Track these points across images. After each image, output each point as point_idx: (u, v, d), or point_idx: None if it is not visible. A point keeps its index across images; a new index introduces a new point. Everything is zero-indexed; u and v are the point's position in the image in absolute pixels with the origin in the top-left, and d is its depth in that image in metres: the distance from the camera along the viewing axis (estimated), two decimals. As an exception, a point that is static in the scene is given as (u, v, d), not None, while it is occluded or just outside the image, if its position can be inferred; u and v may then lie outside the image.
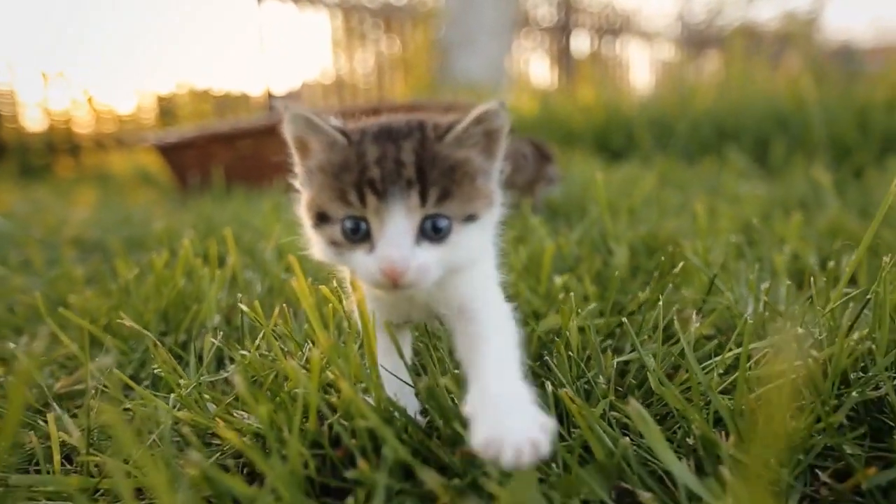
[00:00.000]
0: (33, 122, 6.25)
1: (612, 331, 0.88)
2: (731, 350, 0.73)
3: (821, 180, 1.56)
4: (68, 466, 0.68)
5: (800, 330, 0.72)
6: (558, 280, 0.98)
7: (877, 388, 0.66)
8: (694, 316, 0.79)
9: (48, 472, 0.63)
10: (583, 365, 0.75)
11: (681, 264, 0.88)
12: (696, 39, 9.31)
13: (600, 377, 0.73)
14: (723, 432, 0.63)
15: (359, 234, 0.59)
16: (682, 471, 0.54)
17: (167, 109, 6.80)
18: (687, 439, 0.62)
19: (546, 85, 7.43)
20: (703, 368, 0.72)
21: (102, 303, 1.05)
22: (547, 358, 0.77)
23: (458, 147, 0.61)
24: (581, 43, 8.27)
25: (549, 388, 0.68)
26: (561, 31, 8.01)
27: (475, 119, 0.60)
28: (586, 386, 0.73)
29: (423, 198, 0.58)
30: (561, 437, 0.64)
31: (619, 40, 8.56)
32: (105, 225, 1.95)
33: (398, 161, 0.58)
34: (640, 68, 8.95)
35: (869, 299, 0.71)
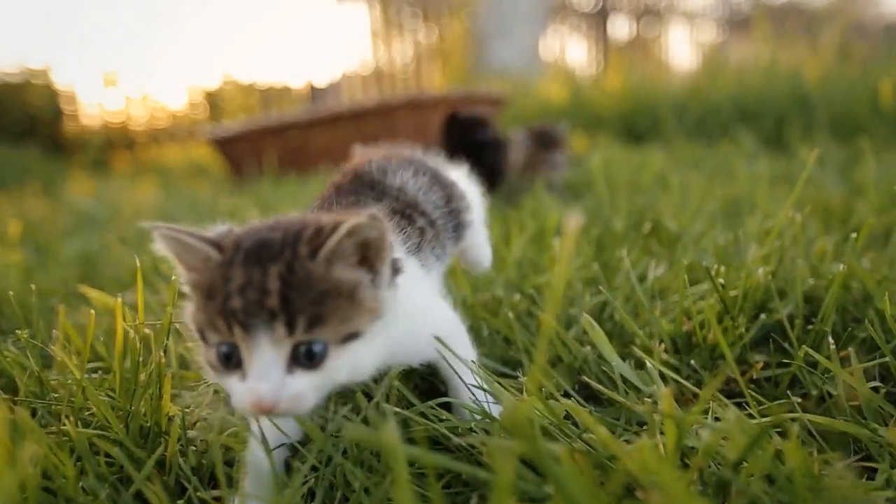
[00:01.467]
0: (92, 119, 6.74)
1: (596, 279, 1.10)
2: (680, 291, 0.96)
3: (806, 159, 1.73)
4: None
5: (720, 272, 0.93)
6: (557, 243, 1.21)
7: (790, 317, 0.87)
8: (654, 266, 1.02)
9: None
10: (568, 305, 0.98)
11: (649, 226, 1.10)
12: (738, 19, 9.21)
13: (582, 312, 0.96)
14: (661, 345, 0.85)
15: (232, 362, 0.57)
16: (620, 364, 0.77)
17: (215, 104, 7.21)
18: (634, 348, 0.84)
19: (582, 70, 7.52)
20: (658, 308, 0.94)
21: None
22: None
23: (330, 265, 0.57)
24: (620, 27, 8.28)
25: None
26: (599, 16, 8.06)
27: (347, 233, 0.56)
28: (568, 318, 0.96)
29: (291, 327, 0.54)
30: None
31: (661, 22, 8.52)
32: (175, 207, 2.26)
33: (262, 289, 0.55)
34: (681, 50, 8.91)
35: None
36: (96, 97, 6.69)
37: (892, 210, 1.33)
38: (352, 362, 0.58)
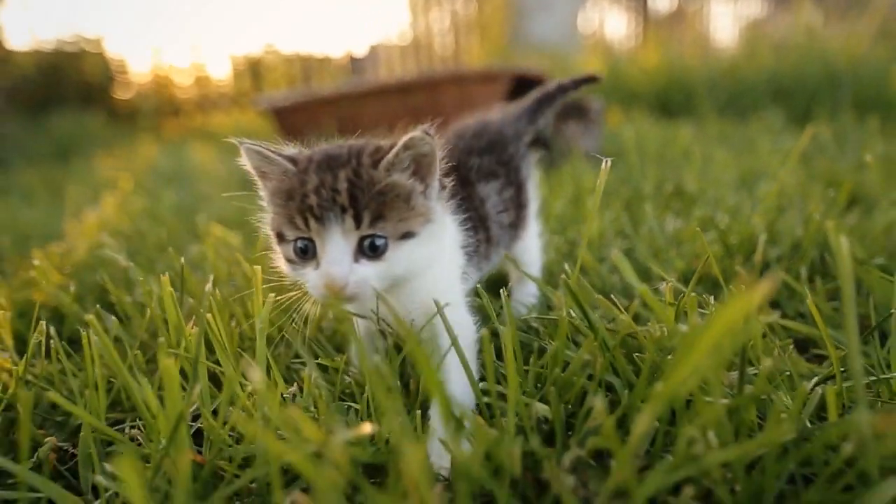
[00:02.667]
0: (142, 87, 7.09)
1: (625, 230, 1.35)
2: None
3: (823, 134, 1.95)
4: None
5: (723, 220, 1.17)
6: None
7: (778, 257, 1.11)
8: (673, 219, 1.26)
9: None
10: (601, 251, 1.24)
11: (671, 187, 1.34)
12: None
13: (612, 250, 1.21)
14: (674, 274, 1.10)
15: (308, 254, 0.68)
16: (637, 282, 1.02)
17: (257, 72, 7.49)
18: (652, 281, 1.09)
19: (621, 44, 7.58)
20: (674, 251, 1.19)
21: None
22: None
23: (389, 172, 0.68)
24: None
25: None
26: (641, -12, 8.06)
27: (404, 146, 0.67)
28: (601, 256, 1.22)
29: (358, 221, 0.66)
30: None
31: None
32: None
33: (334, 189, 0.66)
34: (723, 25, 8.85)
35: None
36: (146, 66, 7.01)
37: (888, 180, 1.54)
38: (407, 258, 0.69)
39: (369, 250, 0.67)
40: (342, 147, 0.72)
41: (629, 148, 2.14)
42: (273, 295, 0.70)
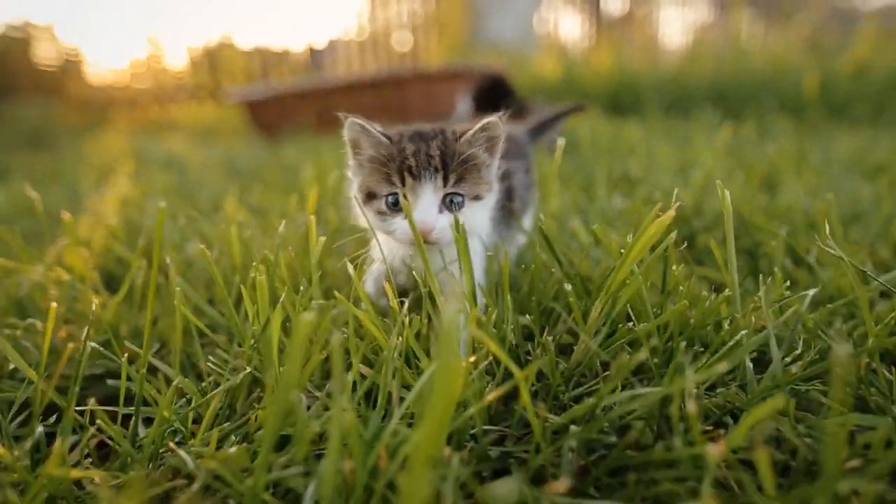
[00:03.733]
0: (96, 78, 7.09)
1: (582, 206, 1.63)
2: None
3: (749, 131, 2.28)
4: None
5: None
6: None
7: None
8: (621, 199, 1.55)
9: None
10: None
11: (619, 173, 1.63)
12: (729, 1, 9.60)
13: (572, 221, 1.48)
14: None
15: (398, 206, 0.85)
16: (589, 240, 1.30)
17: (215, 65, 7.54)
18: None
19: (574, 45, 7.93)
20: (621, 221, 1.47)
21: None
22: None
23: (469, 146, 0.86)
24: (613, 2, 8.63)
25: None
26: (593, -11, 8.42)
27: (481, 128, 0.85)
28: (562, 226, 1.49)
29: (446, 180, 0.84)
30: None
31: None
32: (218, 156, 2.75)
33: (429, 154, 0.84)
34: (673, 28, 9.30)
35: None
36: (100, 56, 7.02)
37: (796, 168, 1.87)
38: (473, 216, 0.87)
39: (450, 205, 0.85)
40: (427, 126, 0.91)
41: (584, 142, 2.43)
42: (323, 238, 0.93)
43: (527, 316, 0.87)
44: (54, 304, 0.73)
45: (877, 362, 0.71)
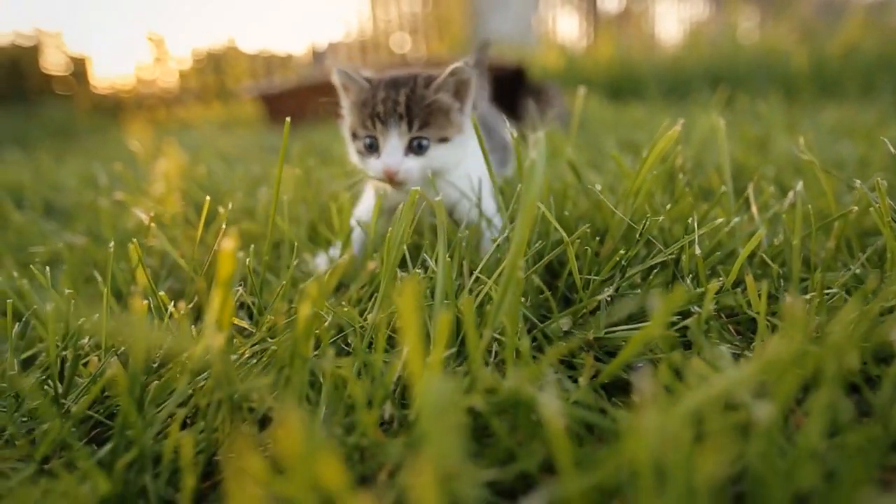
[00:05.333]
0: (104, 81, 7.29)
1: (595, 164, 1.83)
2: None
3: (739, 106, 2.50)
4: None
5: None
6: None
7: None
8: (631, 160, 1.75)
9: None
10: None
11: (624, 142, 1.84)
12: None
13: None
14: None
15: (373, 148, 0.94)
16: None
17: (219, 67, 7.76)
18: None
19: (573, 41, 8.16)
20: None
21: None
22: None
23: (436, 92, 0.93)
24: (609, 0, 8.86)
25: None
26: (590, -13, 8.64)
27: (450, 73, 0.92)
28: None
29: (410, 126, 0.91)
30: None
31: None
32: (253, 143, 2.96)
33: (395, 101, 0.91)
34: (668, 24, 9.53)
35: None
36: (106, 60, 7.23)
37: (786, 135, 2.09)
38: (441, 156, 0.94)
39: (416, 148, 0.93)
40: (404, 73, 0.98)
41: (591, 119, 2.64)
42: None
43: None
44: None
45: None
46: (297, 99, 3.84)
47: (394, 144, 0.93)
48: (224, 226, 0.88)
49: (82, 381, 0.70)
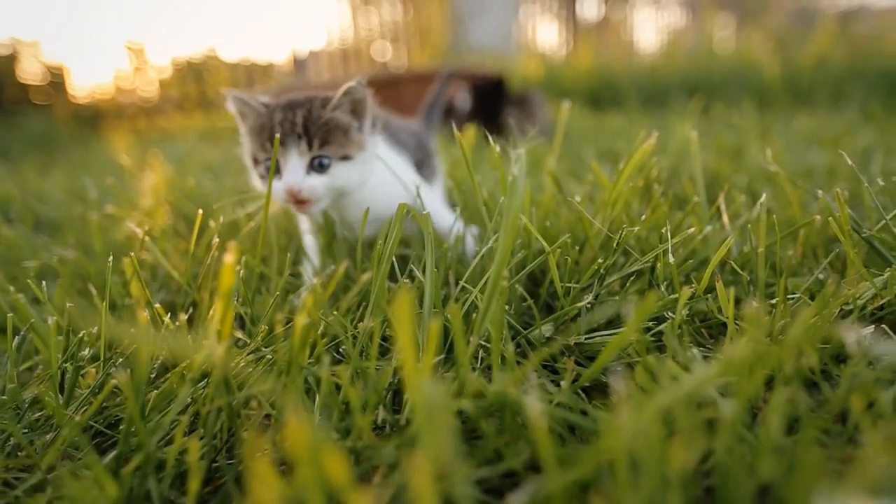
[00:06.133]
0: (82, 91, 7.24)
1: (576, 172, 1.88)
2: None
3: (714, 115, 2.57)
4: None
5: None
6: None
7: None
8: (609, 168, 1.80)
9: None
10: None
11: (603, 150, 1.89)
12: (700, 3, 9.97)
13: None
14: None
15: (274, 171, 0.92)
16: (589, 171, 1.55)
17: (200, 77, 7.75)
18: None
19: (553, 50, 8.25)
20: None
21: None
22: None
23: (333, 111, 0.93)
24: (588, 8, 8.97)
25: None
26: (568, -4, 8.74)
27: (344, 92, 0.93)
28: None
29: (310, 145, 0.91)
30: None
31: (628, 4, 9.21)
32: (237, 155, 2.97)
33: (293, 122, 0.91)
34: (646, 33, 9.66)
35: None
36: (85, 70, 7.18)
37: (759, 142, 2.15)
38: (345, 174, 0.95)
39: (318, 167, 0.93)
40: (301, 95, 0.98)
41: (571, 129, 2.70)
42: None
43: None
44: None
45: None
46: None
47: (294, 164, 0.92)
48: (216, 239, 0.91)
49: (81, 392, 0.72)
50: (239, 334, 0.82)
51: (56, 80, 6.96)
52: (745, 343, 0.44)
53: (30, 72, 6.74)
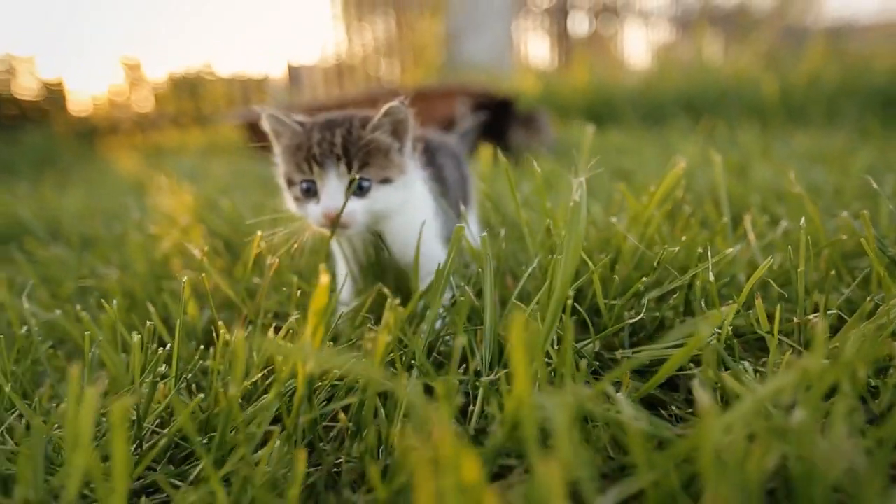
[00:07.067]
0: (79, 106, 7.25)
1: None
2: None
3: (717, 133, 2.66)
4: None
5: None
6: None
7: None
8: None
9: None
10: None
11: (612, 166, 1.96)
12: (690, 19, 10.12)
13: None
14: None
15: (310, 192, 0.90)
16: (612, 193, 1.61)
17: (196, 92, 7.77)
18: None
19: (546, 65, 8.36)
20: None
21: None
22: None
23: (373, 132, 0.90)
24: (579, 23, 9.10)
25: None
26: (559, 13, 8.87)
27: (385, 112, 0.89)
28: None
29: (349, 167, 0.88)
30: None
31: (618, 20, 9.36)
32: (245, 172, 3.02)
33: (332, 143, 0.88)
34: (637, 48, 9.81)
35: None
36: (81, 85, 7.20)
37: (760, 159, 2.23)
38: (385, 198, 0.92)
39: (358, 190, 0.89)
40: (339, 114, 0.95)
41: (576, 146, 2.77)
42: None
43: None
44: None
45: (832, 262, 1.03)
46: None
47: (333, 186, 0.89)
48: (272, 259, 0.95)
49: (155, 406, 0.76)
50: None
51: (53, 97, 6.96)
52: (817, 354, 0.49)
53: (26, 88, 6.75)
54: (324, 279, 0.61)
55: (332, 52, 8.10)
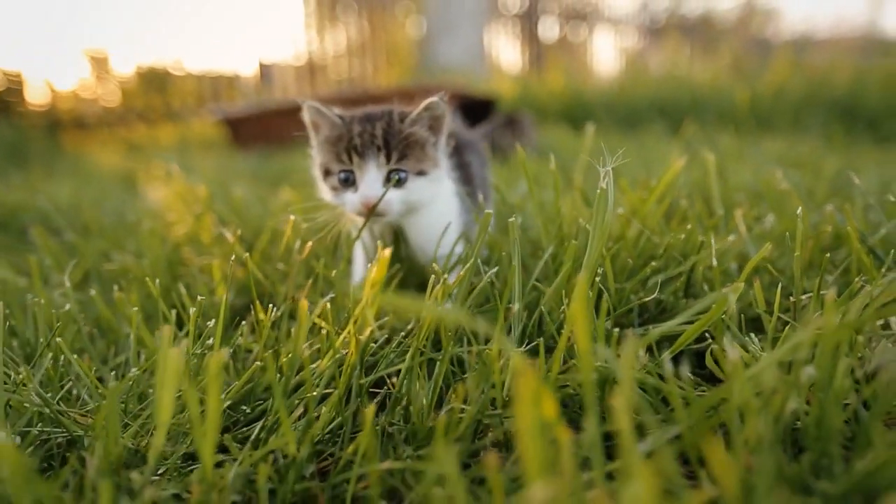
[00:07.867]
0: (41, 100, 7.09)
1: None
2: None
3: (693, 138, 2.80)
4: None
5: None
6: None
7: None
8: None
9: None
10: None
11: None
12: (658, 27, 10.40)
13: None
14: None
15: (348, 182, 0.95)
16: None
17: (164, 87, 7.67)
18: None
19: (517, 69, 8.49)
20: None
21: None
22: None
23: (412, 126, 0.95)
24: (549, 29, 9.25)
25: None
26: (528, 18, 9.02)
27: (424, 108, 0.94)
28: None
29: (388, 158, 0.92)
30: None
31: (587, 26, 9.55)
32: (231, 168, 3.04)
33: (373, 134, 0.93)
34: (606, 54, 10.01)
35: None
36: (46, 79, 7.04)
37: (735, 163, 2.36)
38: (419, 190, 0.96)
39: (395, 180, 0.94)
40: (378, 109, 1.00)
41: (557, 147, 2.87)
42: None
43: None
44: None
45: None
46: (261, 123, 3.92)
47: (372, 176, 0.94)
48: (300, 244, 1.01)
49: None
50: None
51: (15, 88, 6.80)
52: (829, 318, 0.58)
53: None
54: (385, 252, 0.68)
55: (304, 51, 8.10)
